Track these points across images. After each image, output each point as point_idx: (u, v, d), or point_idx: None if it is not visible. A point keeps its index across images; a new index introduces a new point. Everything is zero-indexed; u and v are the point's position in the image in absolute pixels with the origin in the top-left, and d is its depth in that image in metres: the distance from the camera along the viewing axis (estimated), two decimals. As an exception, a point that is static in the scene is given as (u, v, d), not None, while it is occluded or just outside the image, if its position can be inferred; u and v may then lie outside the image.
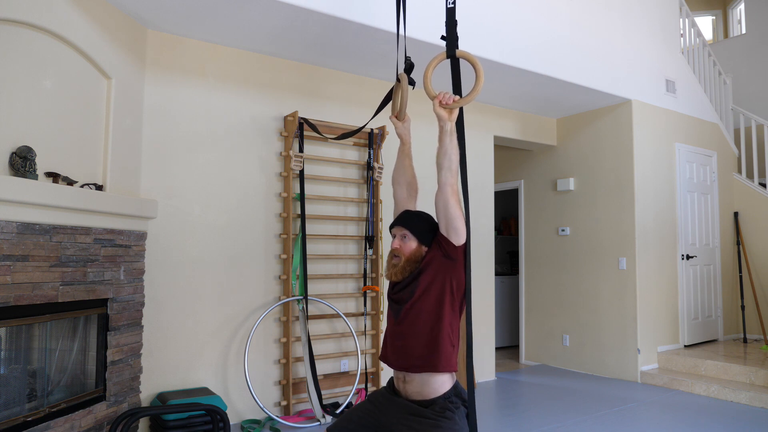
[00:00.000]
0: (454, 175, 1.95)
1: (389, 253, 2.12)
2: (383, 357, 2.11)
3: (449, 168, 1.95)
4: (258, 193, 4.12)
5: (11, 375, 2.74)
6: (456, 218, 1.93)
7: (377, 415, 2.04)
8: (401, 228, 2.08)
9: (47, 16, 2.84)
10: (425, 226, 2.07)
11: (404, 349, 2.00)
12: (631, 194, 5.42)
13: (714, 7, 9.37)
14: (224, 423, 3.29)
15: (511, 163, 6.68)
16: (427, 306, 1.99)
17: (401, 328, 2.03)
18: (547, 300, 6.13)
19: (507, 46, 4.40)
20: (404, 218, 2.11)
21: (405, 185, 2.26)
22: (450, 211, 1.92)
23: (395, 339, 2.04)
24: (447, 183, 1.94)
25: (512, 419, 4.15)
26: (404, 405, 1.99)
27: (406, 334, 2.01)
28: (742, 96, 7.87)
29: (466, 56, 1.98)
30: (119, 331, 3.26)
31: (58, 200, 2.73)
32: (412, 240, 2.05)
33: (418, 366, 1.96)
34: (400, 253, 2.06)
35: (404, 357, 1.99)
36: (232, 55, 4.07)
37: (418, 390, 1.97)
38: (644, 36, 5.63)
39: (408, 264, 2.03)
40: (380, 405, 2.06)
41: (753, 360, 5.09)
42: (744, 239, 6.42)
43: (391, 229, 2.14)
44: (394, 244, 2.08)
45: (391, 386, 2.12)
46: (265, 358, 4.07)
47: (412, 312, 2.00)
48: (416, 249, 2.04)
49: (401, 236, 2.07)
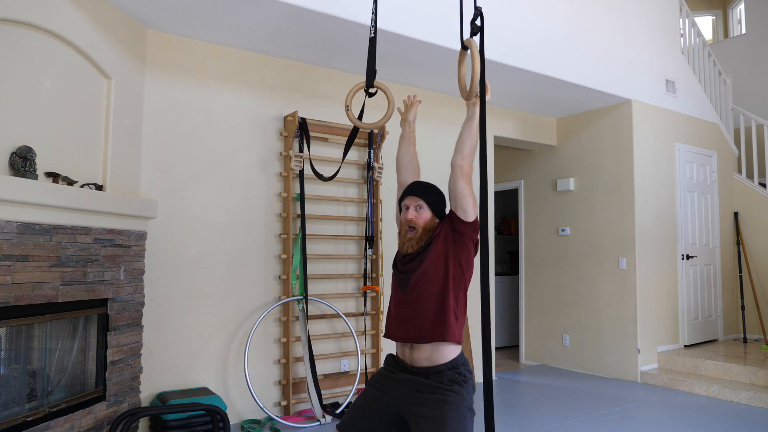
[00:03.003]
0: (465, 158, 2.02)
1: (402, 225, 2.10)
2: (388, 333, 2.09)
3: (461, 151, 2.04)
4: (258, 193, 4.12)
5: (11, 375, 2.74)
6: (463, 196, 1.99)
7: (383, 398, 2.02)
8: (416, 198, 2.08)
9: (47, 16, 2.84)
10: (438, 198, 2.10)
11: (413, 319, 1.99)
12: (631, 194, 5.42)
13: (714, 7, 9.37)
14: (224, 423, 3.29)
15: (511, 163, 6.68)
16: (436, 276, 1.99)
17: (410, 297, 2.02)
18: (547, 300, 6.13)
19: (507, 46, 4.40)
20: (418, 189, 2.11)
21: (411, 170, 2.28)
22: (458, 189, 2.00)
23: (402, 309, 2.03)
24: (456, 164, 2.03)
25: (512, 419, 4.15)
26: (408, 381, 1.97)
27: (415, 303, 2.00)
28: (742, 96, 7.87)
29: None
30: (119, 331, 3.26)
31: (58, 200, 2.73)
32: (427, 210, 2.07)
33: (425, 336, 1.96)
34: (416, 224, 2.05)
35: (412, 327, 1.98)
36: (232, 55, 4.07)
37: (427, 356, 1.96)
38: (644, 36, 5.63)
39: (424, 234, 2.05)
40: (383, 387, 2.03)
41: (753, 360, 5.09)
42: (744, 239, 6.42)
43: (404, 199, 2.12)
44: (409, 215, 2.06)
45: (390, 363, 2.09)
46: (265, 358, 4.07)
47: (422, 281, 2.00)
48: (430, 219, 2.07)
49: (416, 207, 2.07)
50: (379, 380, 2.07)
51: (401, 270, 2.08)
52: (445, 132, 5.14)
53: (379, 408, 2.01)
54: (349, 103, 2.43)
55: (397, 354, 2.09)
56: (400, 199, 2.16)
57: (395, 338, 2.05)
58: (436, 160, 4.35)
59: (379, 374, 2.09)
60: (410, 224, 2.06)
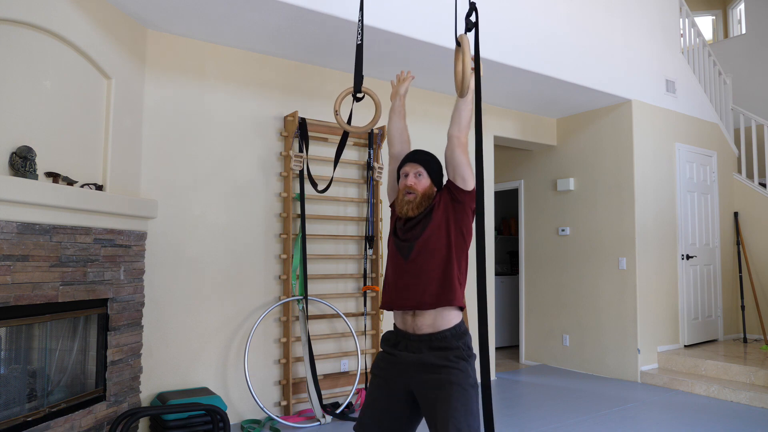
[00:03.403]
0: (462, 129, 2.05)
1: (400, 191, 2.09)
2: (386, 303, 2.07)
3: (457, 122, 2.06)
4: (258, 193, 4.12)
5: (11, 375, 2.74)
6: (461, 165, 2.02)
7: (390, 387, 2.01)
8: (416, 165, 2.09)
9: (47, 16, 2.84)
10: (437, 167, 2.12)
11: (416, 286, 1.97)
12: (631, 194, 5.42)
13: (714, 7, 9.37)
14: (224, 423, 3.29)
15: (511, 163, 6.68)
16: (439, 243, 2.00)
17: (412, 265, 2.00)
18: (547, 300, 6.13)
19: (507, 46, 4.40)
20: (419, 156, 2.11)
21: (404, 142, 2.28)
22: (456, 159, 2.03)
23: (403, 278, 2.01)
24: (453, 135, 2.06)
25: (512, 419, 4.15)
26: (412, 363, 1.95)
27: (419, 271, 1.98)
28: (742, 96, 7.87)
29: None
30: (119, 331, 3.26)
31: (58, 200, 2.73)
32: (426, 178, 2.08)
33: (430, 303, 1.95)
34: (415, 189, 2.05)
35: (415, 294, 1.97)
36: (232, 55, 4.07)
37: (430, 322, 1.95)
38: (644, 36, 5.63)
39: (423, 199, 2.05)
40: (387, 374, 2.02)
41: (753, 360, 5.09)
42: (744, 239, 6.42)
43: (403, 166, 2.12)
44: (408, 181, 2.06)
45: (390, 339, 2.07)
46: (265, 358, 4.07)
47: (425, 249, 2.00)
48: (429, 187, 2.08)
49: (416, 173, 2.08)
50: (381, 366, 2.05)
51: (402, 238, 2.06)
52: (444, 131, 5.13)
53: (389, 399, 2.00)
54: (337, 107, 2.46)
55: (396, 325, 2.07)
56: (398, 167, 2.16)
57: (397, 307, 2.02)
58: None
59: (380, 359, 2.07)
60: (408, 190, 2.05)
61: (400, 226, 2.10)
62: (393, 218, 2.19)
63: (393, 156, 2.27)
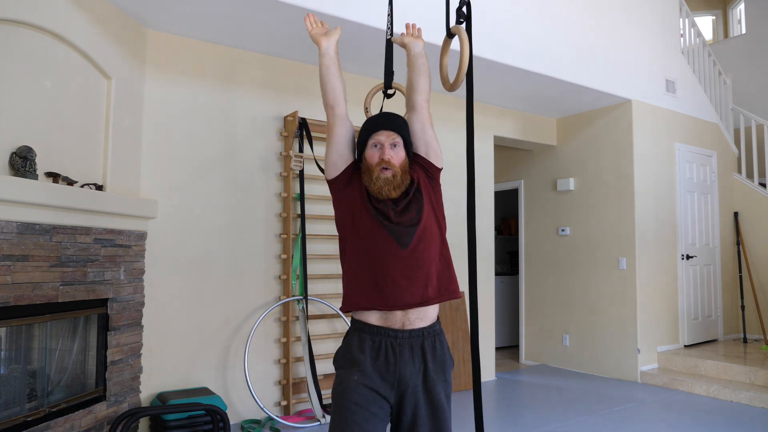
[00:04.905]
0: (428, 98, 1.85)
1: (373, 167, 1.74)
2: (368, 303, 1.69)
3: (422, 89, 1.85)
4: (258, 193, 4.12)
5: (11, 375, 2.74)
6: (434, 140, 1.84)
7: (381, 414, 1.68)
8: (393, 134, 1.77)
9: (47, 16, 2.84)
10: (408, 135, 1.84)
11: (418, 279, 1.70)
12: (631, 194, 5.42)
13: (714, 7, 9.37)
14: (224, 423, 3.29)
15: (511, 163, 6.68)
16: (434, 227, 1.78)
17: (413, 254, 1.71)
18: (547, 300, 6.13)
19: (507, 46, 4.40)
20: (394, 122, 1.80)
21: (345, 102, 1.90)
22: (428, 133, 1.84)
23: (402, 270, 1.69)
24: (422, 106, 1.83)
25: (512, 419, 4.15)
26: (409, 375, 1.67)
27: (421, 262, 1.71)
28: (742, 96, 7.87)
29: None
30: (119, 331, 3.26)
31: (58, 200, 2.73)
32: (402, 149, 1.78)
33: (434, 297, 1.72)
34: (393, 165, 1.73)
35: (418, 288, 1.69)
36: (232, 55, 4.07)
37: (422, 315, 1.71)
38: (644, 36, 5.63)
39: (404, 176, 1.75)
40: (376, 398, 1.66)
41: (753, 360, 5.09)
42: (744, 239, 6.42)
43: (375, 134, 1.78)
44: (386, 155, 1.73)
45: (367, 354, 1.68)
46: (265, 358, 4.07)
47: (425, 235, 1.74)
48: (405, 160, 1.79)
49: (392, 144, 1.76)
50: (363, 394, 1.65)
51: (396, 221, 1.72)
52: (444, 132, 5.13)
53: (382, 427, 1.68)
54: (368, 104, 2.36)
55: (370, 323, 1.71)
56: (366, 135, 1.79)
57: (390, 306, 1.68)
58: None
59: (358, 384, 1.66)
60: (385, 165, 1.72)
61: (392, 207, 1.74)
62: (354, 196, 1.79)
63: (339, 116, 1.83)
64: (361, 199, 1.77)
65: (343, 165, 1.81)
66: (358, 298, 1.73)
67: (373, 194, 1.75)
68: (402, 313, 1.69)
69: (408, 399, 1.69)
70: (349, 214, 1.78)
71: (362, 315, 1.73)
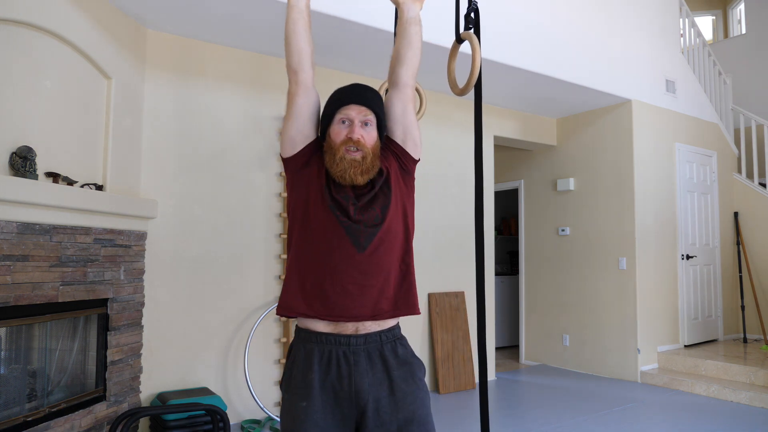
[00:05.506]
0: (414, 75, 1.57)
1: (341, 144, 1.47)
2: (309, 310, 1.44)
3: (410, 64, 1.55)
4: (258, 193, 4.12)
5: (11, 375, 2.74)
6: (414, 126, 1.57)
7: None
8: (366, 110, 1.49)
9: (47, 16, 2.84)
10: (382, 112, 1.56)
11: (372, 288, 1.45)
12: (631, 194, 5.42)
13: (714, 7, 9.37)
14: (224, 423, 3.29)
15: (511, 163, 6.68)
16: (398, 228, 1.51)
17: (369, 259, 1.45)
18: (547, 300, 6.13)
19: (507, 46, 4.40)
20: (368, 97, 1.52)
21: (313, 69, 1.58)
22: (409, 117, 1.56)
23: (353, 276, 1.43)
24: (405, 83, 1.55)
25: (512, 419, 4.15)
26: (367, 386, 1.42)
27: (377, 268, 1.45)
28: (742, 96, 7.87)
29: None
30: (119, 331, 3.26)
31: (58, 200, 2.73)
32: (374, 128, 1.52)
33: (388, 310, 1.47)
34: (364, 146, 1.46)
35: (370, 299, 1.44)
36: (232, 55, 4.07)
37: (378, 322, 1.48)
38: (644, 36, 5.63)
39: (374, 159, 1.48)
40: (333, 418, 1.43)
41: (753, 360, 5.09)
42: (744, 239, 6.42)
43: (342, 107, 1.50)
44: (355, 134, 1.46)
45: (317, 367, 1.43)
46: (265, 358, 4.07)
47: (387, 237, 1.47)
48: (377, 142, 1.52)
49: (363, 122, 1.49)
50: (321, 416, 1.41)
51: (355, 219, 1.45)
52: (444, 131, 5.13)
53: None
54: None
55: (321, 331, 1.46)
56: (333, 107, 1.52)
57: (336, 317, 1.42)
58: (436, 160, 4.36)
59: (306, 422, 1.40)
60: (355, 146, 1.46)
61: (352, 201, 1.47)
62: (312, 179, 1.51)
63: (303, 84, 1.54)
64: (318, 184, 1.49)
65: (303, 142, 1.53)
66: (298, 302, 1.47)
67: (334, 178, 1.48)
68: (353, 322, 1.46)
69: (370, 418, 1.42)
70: (303, 200, 1.51)
71: (307, 322, 1.48)
